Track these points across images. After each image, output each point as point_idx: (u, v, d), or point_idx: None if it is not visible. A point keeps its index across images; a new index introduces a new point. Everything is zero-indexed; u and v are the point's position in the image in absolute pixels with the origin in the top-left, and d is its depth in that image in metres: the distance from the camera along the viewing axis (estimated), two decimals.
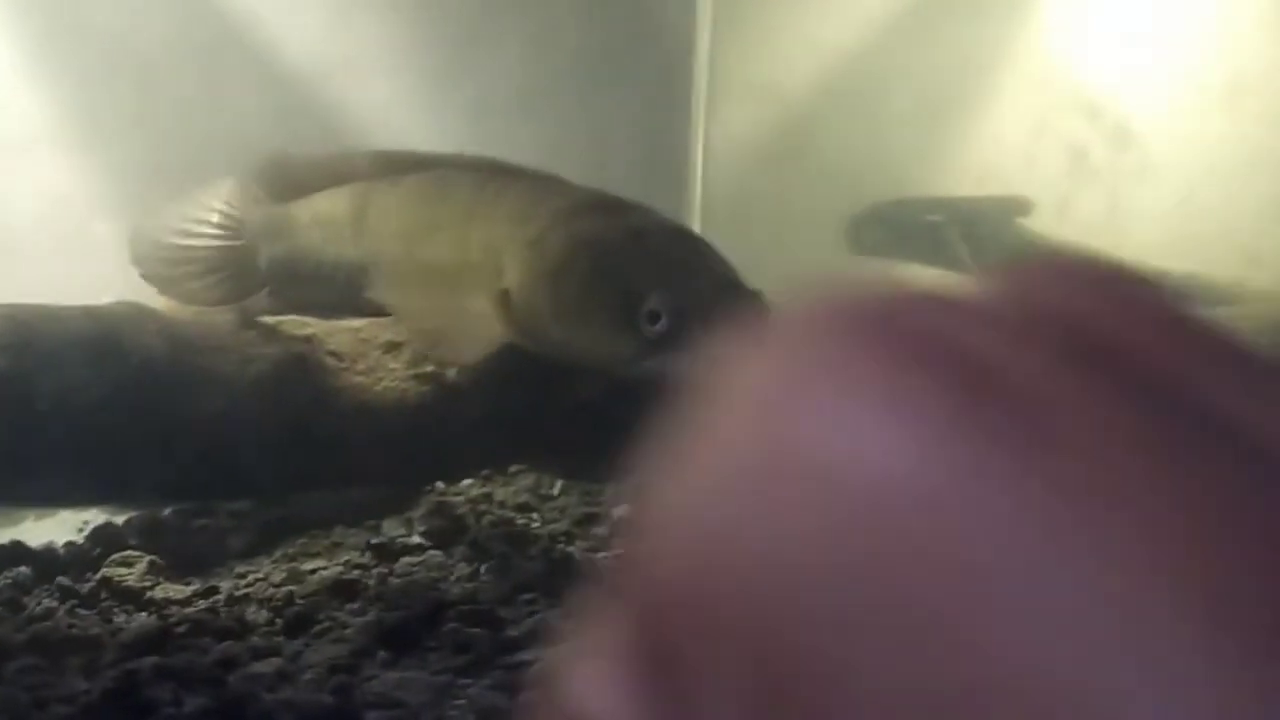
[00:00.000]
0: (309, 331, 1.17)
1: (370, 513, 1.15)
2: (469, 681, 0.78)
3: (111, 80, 1.62)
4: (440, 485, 1.21)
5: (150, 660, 0.72)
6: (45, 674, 0.71)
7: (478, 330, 0.88)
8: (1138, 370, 0.12)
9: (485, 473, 1.23)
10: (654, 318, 0.80)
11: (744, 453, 0.12)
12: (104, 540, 1.12)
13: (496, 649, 0.82)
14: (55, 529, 1.18)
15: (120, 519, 1.19)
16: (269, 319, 1.18)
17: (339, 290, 1.03)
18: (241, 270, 1.10)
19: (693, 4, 1.66)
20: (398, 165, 1.04)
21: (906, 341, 0.11)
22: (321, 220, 1.05)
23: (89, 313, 1.04)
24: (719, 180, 1.64)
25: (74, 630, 0.79)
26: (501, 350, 0.93)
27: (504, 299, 0.89)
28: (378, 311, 1.01)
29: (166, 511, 1.19)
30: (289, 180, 1.10)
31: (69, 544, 1.11)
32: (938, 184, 1.53)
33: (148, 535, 1.12)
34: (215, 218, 1.10)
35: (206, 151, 1.67)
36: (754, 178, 1.60)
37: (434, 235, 0.95)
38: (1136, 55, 1.20)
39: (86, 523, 1.19)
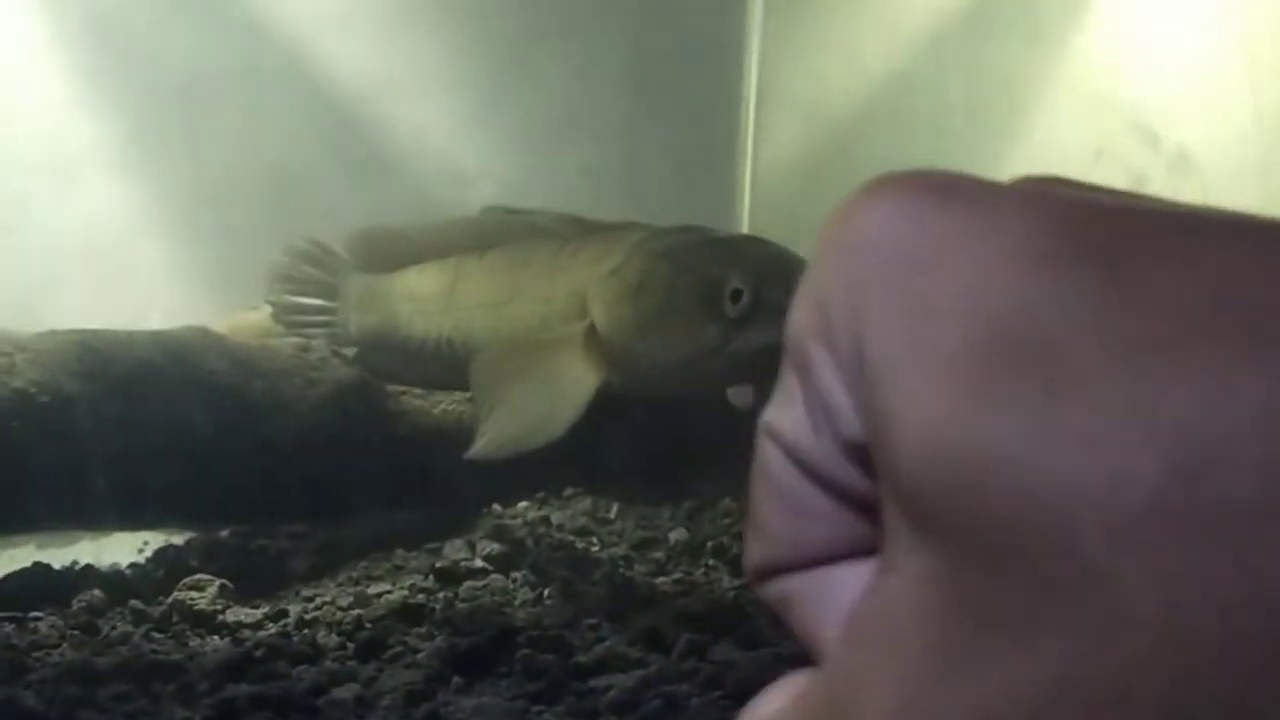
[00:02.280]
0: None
1: (428, 535, 1.15)
2: (543, 708, 0.79)
3: (160, 105, 1.64)
4: (497, 508, 1.21)
5: (245, 689, 0.73)
6: (140, 700, 0.72)
7: (565, 393, 0.89)
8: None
9: (540, 495, 1.24)
10: (737, 296, 0.82)
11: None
12: (167, 562, 1.13)
13: (568, 675, 0.83)
14: (111, 549, 1.19)
15: (179, 539, 1.20)
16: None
17: (427, 362, 1.05)
18: (333, 333, 1.13)
19: (741, 25, 1.66)
20: (485, 233, 1.06)
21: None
22: (413, 294, 1.07)
23: (157, 338, 1.06)
24: (767, 198, 1.64)
25: (157, 656, 0.80)
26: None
27: (590, 334, 0.90)
28: (467, 384, 1.02)
29: (225, 533, 1.20)
30: (382, 250, 1.13)
31: (134, 566, 1.12)
32: None
33: (208, 556, 1.13)
34: (312, 280, 1.13)
35: (254, 174, 1.69)
36: (802, 196, 1.60)
37: (519, 298, 0.97)
38: (1195, 83, 1.20)
39: (146, 543, 1.20)
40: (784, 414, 0.20)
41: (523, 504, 1.23)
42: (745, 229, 1.69)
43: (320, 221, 1.65)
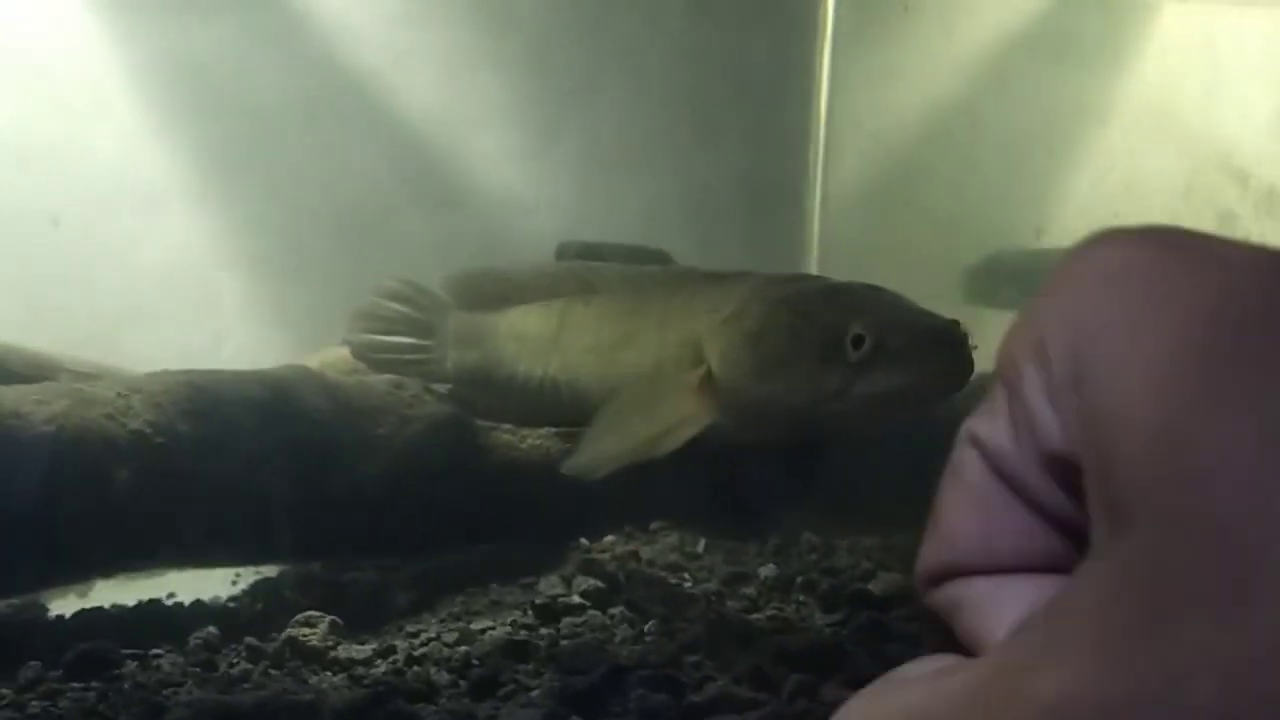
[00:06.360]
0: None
1: (519, 569, 1.17)
2: None
3: (236, 139, 1.67)
4: (584, 542, 1.23)
5: None
6: None
7: (672, 424, 0.90)
8: None
9: (627, 530, 1.25)
10: (859, 341, 0.83)
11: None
12: (265, 596, 1.15)
13: (683, 716, 0.84)
14: (202, 581, 1.21)
15: (271, 572, 1.23)
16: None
17: (531, 402, 1.07)
18: (427, 370, 1.15)
19: (810, 56, 1.68)
20: (588, 280, 1.08)
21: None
22: (517, 334, 1.09)
23: (262, 378, 1.08)
24: (835, 229, 1.66)
25: (289, 695, 0.82)
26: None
27: (705, 380, 0.92)
28: (568, 423, 1.04)
29: (317, 566, 1.22)
30: (478, 290, 1.15)
31: (234, 599, 1.14)
32: (1053, 235, 1.54)
33: (304, 589, 1.15)
34: (407, 317, 1.15)
35: (327, 208, 1.72)
36: (871, 228, 1.62)
37: (632, 343, 0.99)
38: None
39: (238, 575, 1.22)
40: (988, 424, 0.22)
41: (609, 538, 1.24)
42: (814, 260, 1.71)
43: (390, 254, 1.69)
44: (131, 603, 1.04)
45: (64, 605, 1.09)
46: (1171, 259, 0.20)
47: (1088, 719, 0.17)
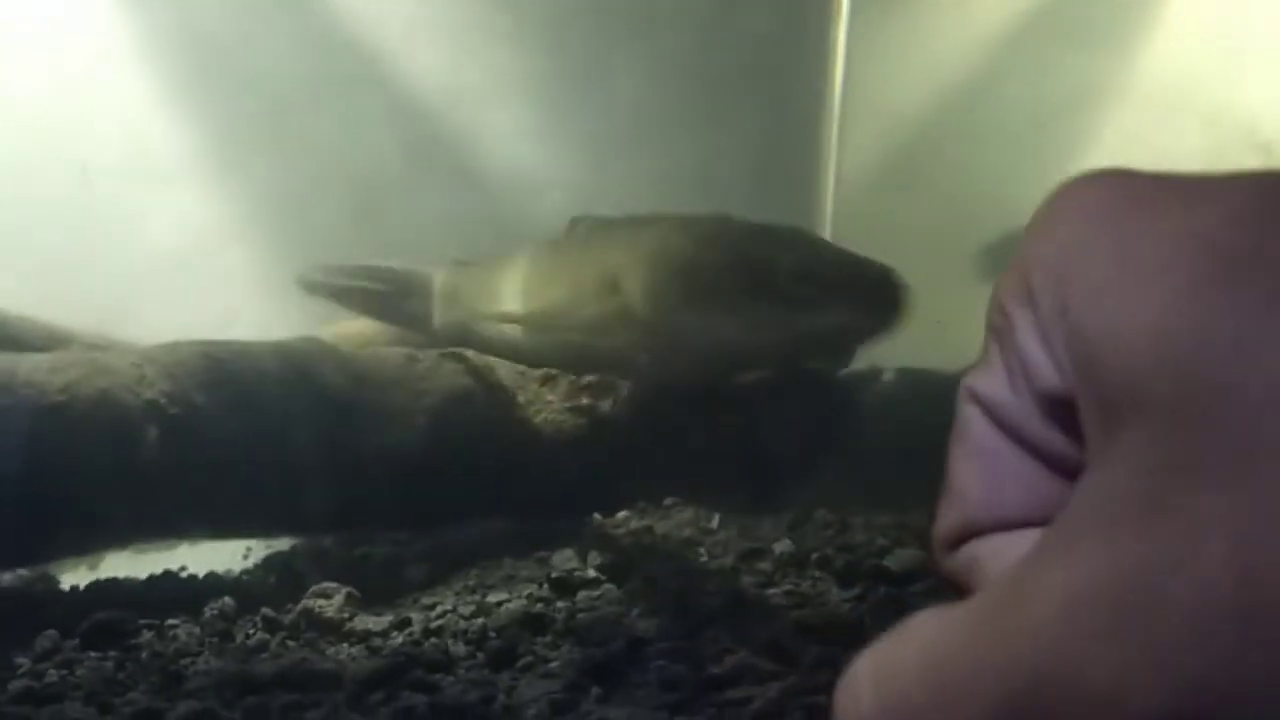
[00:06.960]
0: (473, 365, 1.20)
1: (534, 543, 1.17)
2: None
3: (248, 114, 1.67)
4: (597, 517, 1.22)
5: (422, 699, 0.74)
6: (316, 710, 0.73)
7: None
8: None
9: (640, 505, 1.25)
10: (787, 277, 0.83)
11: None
12: (277, 569, 1.15)
13: (704, 687, 0.84)
14: (212, 554, 1.21)
15: (283, 545, 1.22)
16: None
17: (501, 348, 1.09)
18: (418, 329, 1.17)
19: (826, 30, 1.67)
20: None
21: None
22: (476, 287, 1.11)
23: (277, 349, 1.07)
24: (849, 204, 1.65)
25: (308, 665, 0.81)
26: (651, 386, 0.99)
27: (623, 313, 0.92)
28: (536, 363, 1.07)
29: (329, 540, 1.22)
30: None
31: (247, 572, 1.14)
32: None
33: (317, 563, 1.15)
34: (399, 282, 1.17)
35: (336, 184, 1.71)
36: (885, 202, 1.61)
37: (550, 283, 1.01)
38: None
39: (249, 549, 1.22)
40: (984, 377, 0.22)
41: (623, 513, 1.24)
42: (828, 234, 1.70)
43: (402, 229, 1.68)
44: (144, 575, 1.03)
45: (76, 577, 1.09)
46: (1153, 189, 0.20)
47: (1105, 598, 0.17)
